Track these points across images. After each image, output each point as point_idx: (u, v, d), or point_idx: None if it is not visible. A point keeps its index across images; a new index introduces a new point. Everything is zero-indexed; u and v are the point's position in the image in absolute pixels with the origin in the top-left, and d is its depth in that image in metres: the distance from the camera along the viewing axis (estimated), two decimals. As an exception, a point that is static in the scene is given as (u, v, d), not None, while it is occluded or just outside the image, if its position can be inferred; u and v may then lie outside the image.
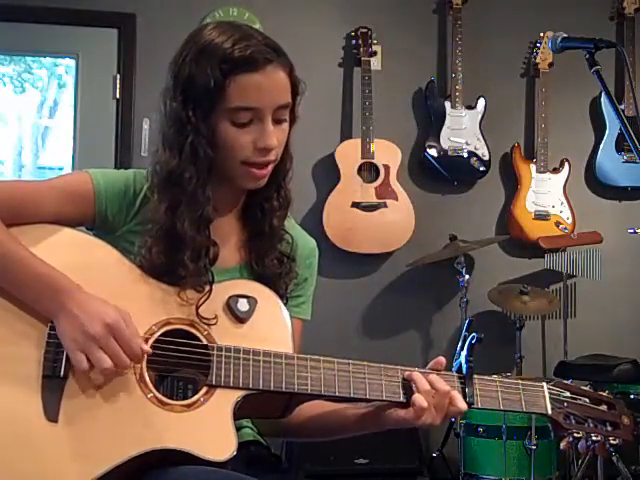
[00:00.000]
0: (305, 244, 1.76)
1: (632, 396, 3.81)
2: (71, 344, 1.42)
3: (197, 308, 1.52)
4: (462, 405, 1.55)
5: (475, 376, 1.59)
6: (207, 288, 1.54)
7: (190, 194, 1.54)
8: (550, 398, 1.63)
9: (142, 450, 1.39)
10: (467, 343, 1.59)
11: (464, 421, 3.89)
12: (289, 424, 1.67)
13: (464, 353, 1.58)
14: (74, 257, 1.52)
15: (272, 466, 1.68)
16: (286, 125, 1.60)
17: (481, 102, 4.58)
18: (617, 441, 1.63)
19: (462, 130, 4.55)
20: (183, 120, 1.52)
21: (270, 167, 1.59)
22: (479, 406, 1.58)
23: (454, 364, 1.61)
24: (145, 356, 1.46)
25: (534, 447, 3.74)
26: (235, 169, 1.57)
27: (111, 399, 1.43)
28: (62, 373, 1.43)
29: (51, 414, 1.40)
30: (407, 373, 1.56)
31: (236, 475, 1.42)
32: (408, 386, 1.55)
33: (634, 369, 3.96)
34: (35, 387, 1.42)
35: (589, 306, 4.70)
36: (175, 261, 1.53)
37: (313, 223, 4.28)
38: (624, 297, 4.73)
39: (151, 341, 1.48)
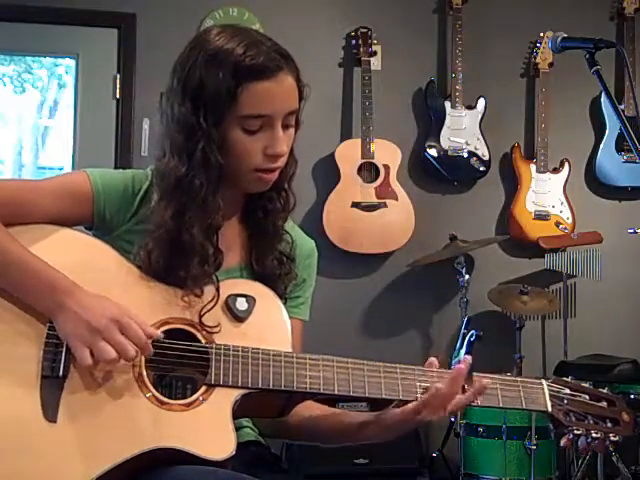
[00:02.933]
0: (304, 245, 1.76)
1: (632, 396, 3.80)
2: (75, 341, 1.42)
3: (200, 316, 1.52)
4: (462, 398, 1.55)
5: (474, 374, 1.59)
6: (208, 290, 1.54)
7: (200, 202, 1.54)
8: (550, 395, 1.63)
9: (141, 450, 1.39)
10: (466, 341, 1.59)
11: (464, 421, 3.90)
12: (288, 424, 1.66)
13: (463, 351, 1.58)
14: (73, 257, 1.52)
15: (272, 466, 1.68)
16: (292, 130, 1.60)
17: (481, 102, 4.58)
18: (617, 438, 1.63)
19: (462, 130, 4.54)
20: (194, 126, 1.52)
21: (277, 172, 1.60)
22: (479, 403, 1.58)
23: (453, 362, 1.61)
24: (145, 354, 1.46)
25: (534, 447, 3.74)
26: (244, 175, 1.57)
27: (110, 399, 1.43)
28: (61, 373, 1.42)
29: (50, 414, 1.40)
30: (424, 384, 1.54)
31: (236, 475, 1.42)
32: (409, 384, 1.55)
33: (634, 369, 3.96)
34: (34, 387, 1.41)
35: (589, 306, 4.70)
36: (177, 265, 1.53)
37: (313, 223, 4.28)
38: (624, 297, 4.72)
39: (149, 341, 1.47)
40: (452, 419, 4.00)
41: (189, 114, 1.52)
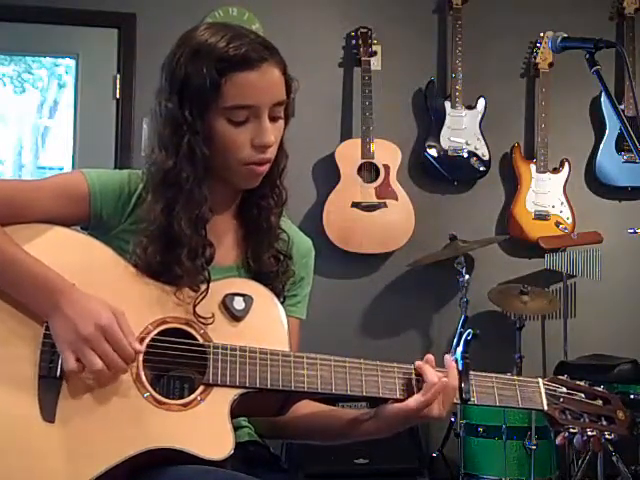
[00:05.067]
0: (301, 243, 1.76)
1: (632, 396, 3.80)
2: (63, 345, 1.42)
3: (194, 307, 1.52)
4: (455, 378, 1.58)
5: (471, 372, 1.59)
6: (203, 287, 1.54)
7: (187, 194, 1.54)
8: (546, 394, 1.64)
9: (139, 450, 1.39)
10: (463, 339, 1.59)
11: (464, 421, 3.89)
12: (286, 423, 1.67)
13: (460, 349, 1.59)
14: (69, 257, 1.52)
15: (272, 466, 1.68)
16: (281, 122, 1.60)
17: (481, 102, 4.58)
18: (612, 436, 1.63)
19: (462, 130, 4.54)
20: (179, 120, 1.53)
21: (267, 164, 1.60)
22: (476, 402, 1.58)
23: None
24: (141, 355, 1.46)
25: (534, 447, 3.74)
26: (234, 169, 1.57)
27: (107, 399, 1.43)
28: (58, 373, 1.42)
29: (48, 414, 1.40)
30: (418, 363, 1.57)
31: (235, 475, 1.42)
32: (407, 383, 1.56)
33: (634, 369, 3.96)
34: (32, 387, 1.41)
35: (589, 306, 4.70)
36: (171, 260, 1.53)
37: (313, 223, 4.29)
38: (624, 297, 4.72)
39: (147, 340, 1.48)
40: (452, 419, 3.99)
41: (175, 109, 1.53)
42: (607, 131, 4.66)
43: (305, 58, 4.25)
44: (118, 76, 4.38)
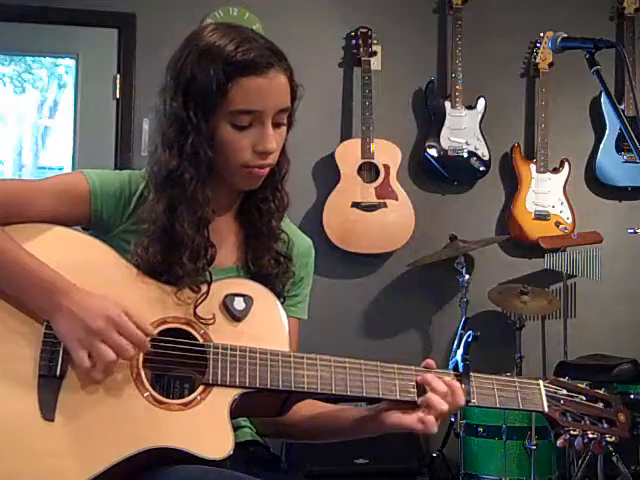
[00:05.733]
0: (301, 243, 1.76)
1: (632, 396, 3.81)
2: (73, 343, 1.42)
3: (195, 308, 1.52)
4: (461, 400, 1.56)
5: (471, 374, 1.59)
6: (204, 288, 1.54)
7: (190, 195, 1.54)
8: (547, 396, 1.63)
9: (139, 449, 1.39)
10: (463, 341, 1.59)
11: (464, 421, 3.90)
12: (286, 424, 1.67)
13: (460, 351, 1.59)
14: (70, 256, 1.52)
15: (271, 466, 1.68)
16: (284, 129, 1.60)
17: (481, 102, 4.58)
18: (613, 438, 1.63)
19: (462, 130, 4.54)
20: (184, 120, 1.52)
21: (268, 168, 1.59)
22: (476, 404, 1.58)
23: (450, 362, 1.61)
24: (141, 355, 1.46)
25: (534, 447, 3.74)
26: (234, 171, 1.57)
27: (108, 398, 1.43)
28: (58, 372, 1.42)
29: (48, 413, 1.40)
30: (419, 378, 1.56)
31: (235, 475, 1.42)
32: (406, 383, 1.56)
33: (634, 369, 3.97)
34: (31, 386, 1.41)
35: (589, 306, 4.70)
36: (172, 261, 1.53)
37: (313, 223, 4.29)
38: (624, 297, 4.73)
39: (148, 338, 1.47)
40: (452, 419, 3.99)
41: (180, 109, 1.53)
42: (607, 131, 4.66)
43: (305, 58, 4.24)
44: (118, 76, 4.38)
